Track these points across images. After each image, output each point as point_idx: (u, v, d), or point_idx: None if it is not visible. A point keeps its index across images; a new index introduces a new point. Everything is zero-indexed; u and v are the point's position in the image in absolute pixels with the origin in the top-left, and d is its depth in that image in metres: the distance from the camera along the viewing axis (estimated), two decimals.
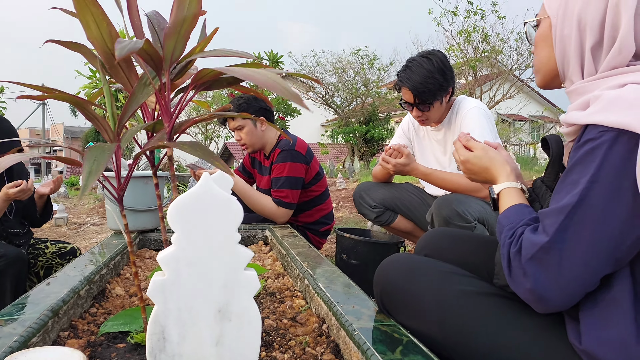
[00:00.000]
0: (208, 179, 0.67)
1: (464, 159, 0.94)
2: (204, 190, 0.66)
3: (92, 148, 0.75)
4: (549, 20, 0.81)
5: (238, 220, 0.68)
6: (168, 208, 0.68)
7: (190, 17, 0.84)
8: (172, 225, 0.65)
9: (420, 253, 1.05)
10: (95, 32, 0.83)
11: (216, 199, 0.67)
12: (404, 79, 1.78)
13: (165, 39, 0.85)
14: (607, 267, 0.65)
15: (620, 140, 0.63)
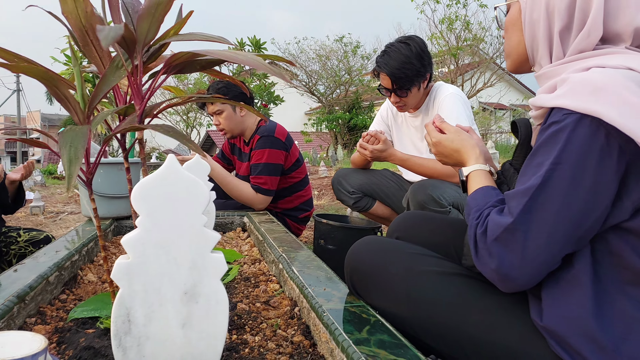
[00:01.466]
0: (174, 161, 0.66)
1: (435, 141, 0.94)
2: (169, 172, 0.65)
3: (63, 133, 0.73)
4: (519, 5, 0.81)
5: (204, 202, 0.68)
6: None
7: (165, 1, 0.83)
8: (137, 207, 0.65)
9: (392, 236, 1.06)
10: (70, 6, 0.81)
11: (182, 181, 0.66)
12: (381, 64, 1.78)
13: (139, 21, 0.83)
14: (568, 247, 0.67)
15: (582, 123, 0.64)
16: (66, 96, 0.87)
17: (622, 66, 0.67)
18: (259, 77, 11.09)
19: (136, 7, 0.96)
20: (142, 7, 0.84)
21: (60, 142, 0.71)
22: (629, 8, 0.72)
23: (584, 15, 0.74)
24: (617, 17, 0.73)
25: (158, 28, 0.86)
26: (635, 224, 0.66)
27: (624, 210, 0.66)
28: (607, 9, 0.72)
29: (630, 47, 0.73)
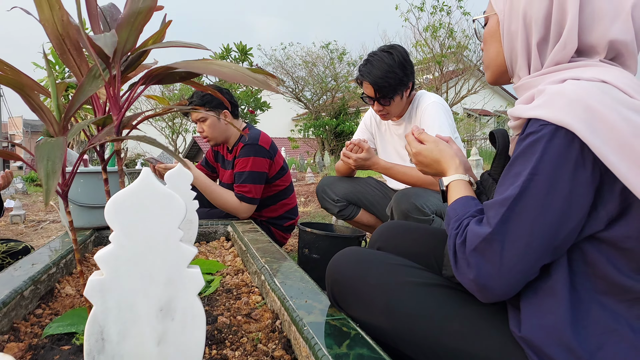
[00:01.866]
0: (148, 174, 0.65)
1: (415, 151, 0.95)
2: (144, 185, 0.64)
3: (39, 146, 0.71)
4: (497, 17, 0.82)
5: (180, 216, 0.67)
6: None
7: (145, 10, 0.82)
8: (110, 222, 0.63)
9: (373, 246, 1.06)
10: (47, 14, 0.80)
11: (157, 194, 0.65)
12: (364, 74, 1.79)
13: (118, 30, 0.82)
14: (545, 257, 0.68)
15: (558, 134, 0.65)
16: (40, 106, 0.85)
17: (596, 79, 0.68)
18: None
19: (115, 16, 0.95)
20: (121, 17, 0.84)
21: (37, 156, 0.69)
22: (603, 21, 0.73)
23: (559, 28, 0.75)
24: (592, 29, 0.74)
25: (137, 37, 0.86)
26: (610, 235, 0.67)
27: (599, 221, 0.67)
28: (582, 22, 0.74)
29: (604, 60, 0.74)
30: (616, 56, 0.75)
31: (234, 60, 11.13)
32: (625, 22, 0.73)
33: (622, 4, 0.73)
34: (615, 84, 0.67)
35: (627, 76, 0.70)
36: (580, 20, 0.73)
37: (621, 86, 0.67)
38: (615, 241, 0.66)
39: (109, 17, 0.90)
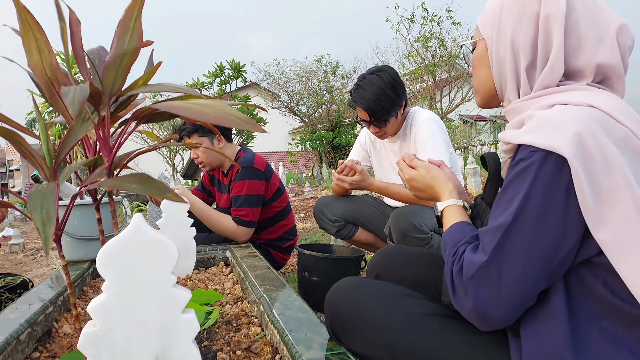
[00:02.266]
0: (140, 220, 0.65)
1: (408, 177, 0.95)
2: (135, 233, 0.64)
3: (32, 195, 0.71)
4: (485, 42, 0.83)
5: (173, 262, 0.66)
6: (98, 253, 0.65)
7: (131, 51, 0.82)
8: (103, 272, 0.63)
9: (371, 273, 1.05)
10: (36, 59, 0.81)
11: (148, 241, 0.64)
12: (357, 99, 1.79)
13: (105, 72, 0.82)
14: (542, 282, 0.67)
15: (548, 160, 0.65)
16: (31, 152, 0.85)
17: (583, 103, 0.68)
18: (242, 99, 11.12)
19: (102, 57, 0.95)
20: (107, 59, 0.84)
21: (30, 206, 0.69)
22: (589, 46, 0.74)
23: (546, 53, 0.75)
24: (578, 54, 0.75)
25: (125, 79, 0.86)
26: (604, 259, 0.67)
27: (592, 246, 0.67)
28: (568, 47, 0.74)
29: (591, 84, 0.75)
30: (604, 79, 0.76)
31: (227, 77, 11.19)
32: (611, 47, 0.73)
33: (607, 29, 0.74)
34: (602, 108, 0.67)
35: (614, 99, 0.70)
36: (566, 45, 0.74)
37: (608, 110, 0.67)
38: (610, 266, 0.66)
39: (97, 60, 0.91)
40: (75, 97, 0.71)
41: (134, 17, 0.80)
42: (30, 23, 0.77)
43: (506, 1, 0.78)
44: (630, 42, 0.75)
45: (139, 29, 0.82)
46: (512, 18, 0.77)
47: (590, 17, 0.74)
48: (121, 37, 0.81)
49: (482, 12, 0.84)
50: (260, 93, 15.29)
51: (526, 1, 0.76)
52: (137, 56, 0.84)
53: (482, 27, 0.83)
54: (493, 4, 0.81)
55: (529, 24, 0.75)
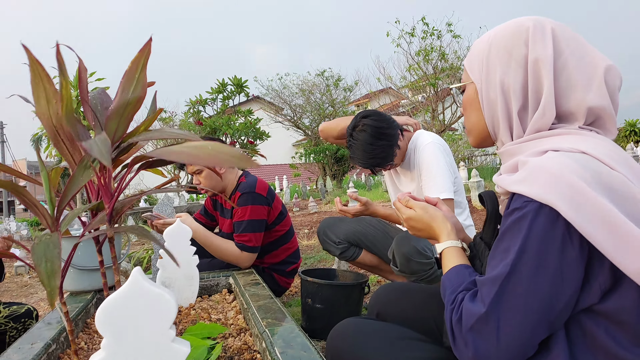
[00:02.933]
0: (138, 276, 0.65)
1: (406, 217, 0.95)
2: (133, 289, 0.64)
3: (35, 248, 0.73)
4: (474, 85, 0.83)
5: (171, 316, 0.66)
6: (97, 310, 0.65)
7: (135, 101, 0.84)
8: (102, 330, 0.63)
9: (372, 311, 1.05)
10: (44, 108, 0.83)
11: (146, 297, 0.65)
12: (355, 160, 1.81)
13: (108, 121, 0.84)
14: (542, 332, 0.67)
15: (542, 212, 0.65)
16: (34, 202, 0.86)
17: (575, 149, 0.68)
18: (244, 114, 11.21)
19: (105, 102, 0.97)
20: (111, 108, 0.85)
21: (35, 259, 0.70)
22: (578, 88, 0.74)
23: (537, 96, 0.76)
24: (569, 97, 0.75)
25: (127, 126, 0.87)
26: (605, 307, 0.66)
27: (592, 294, 0.66)
28: (558, 90, 0.75)
29: (583, 127, 0.75)
30: (596, 120, 0.76)
31: (230, 93, 11.27)
32: (600, 88, 0.74)
33: (595, 71, 0.74)
34: (594, 154, 0.67)
35: (606, 145, 0.70)
36: (556, 88, 0.75)
37: (600, 157, 0.67)
38: (611, 314, 0.66)
39: (99, 105, 0.92)
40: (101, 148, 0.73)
41: (139, 68, 0.82)
42: (41, 74, 0.79)
43: (493, 44, 0.79)
44: (619, 82, 0.75)
45: (144, 79, 0.83)
46: (500, 62, 0.77)
47: (577, 60, 0.74)
48: (126, 87, 0.83)
49: (469, 54, 0.85)
50: (263, 106, 15.39)
51: (513, 45, 0.76)
52: (140, 105, 0.86)
53: (470, 70, 0.83)
54: (480, 47, 0.81)
55: (517, 68, 0.76)
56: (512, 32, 0.78)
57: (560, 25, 0.77)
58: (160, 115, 13.02)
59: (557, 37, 0.75)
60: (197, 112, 11.46)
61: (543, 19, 0.78)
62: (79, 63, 0.93)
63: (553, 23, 0.77)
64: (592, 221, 0.61)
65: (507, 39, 0.78)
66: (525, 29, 0.77)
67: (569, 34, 0.77)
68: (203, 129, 10.72)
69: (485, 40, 0.81)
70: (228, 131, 10.60)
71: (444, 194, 1.67)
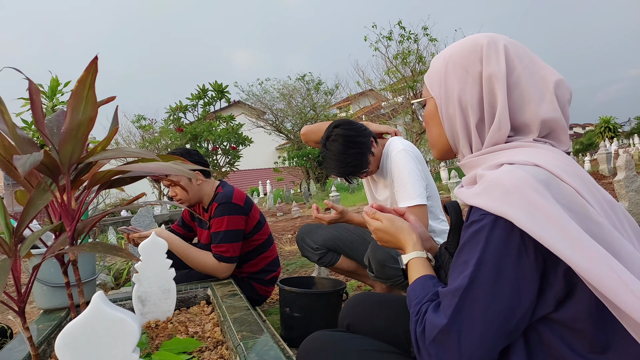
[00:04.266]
0: (99, 302, 0.65)
1: (373, 229, 0.96)
2: (94, 315, 0.64)
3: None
4: (434, 100, 0.85)
5: (134, 340, 0.66)
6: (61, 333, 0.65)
7: (86, 121, 0.83)
8: (61, 357, 0.63)
9: (342, 323, 1.06)
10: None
11: (107, 322, 0.64)
12: (329, 171, 1.84)
13: (62, 144, 0.83)
14: (501, 342, 0.69)
15: (498, 224, 0.67)
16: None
17: (529, 162, 0.71)
18: (226, 120, 11.13)
19: (61, 124, 0.96)
20: (62, 131, 0.84)
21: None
22: (531, 102, 0.77)
23: (492, 110, 0.78)
24: (523, 111, 0.77)
25: (83, 147, 0.86)
26: (560, 316, 0.68)
27: (548, 303, 0.68)
28: (512, 105, 0.77)
29: (538, 139, 0.78)
30: (550, 132, 0.79)
31: (210, 99, 11.19)
32: (551, 102, 0.76)
33: (547, 85, 0.77)
34: (547, 167, 0.69)
35: (558, 157, 0.73)
36: (510, 103, 0.77)
37: (553, 169, 0.69)
38: (566, 322, 0.68)
39: (55, 127, 0.91)
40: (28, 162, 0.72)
41: (87, 86, 0.81)
42: None
43: (450, 61, 0.81)
44: (568, 95, 0.78)
45: (93, 97, 0.83)
46: (457, 78, 0.79)
47: (529, 76, 0.77)
48: (75, 108, 0.82)
49: (429, 71, 0.87)
50: (244, 111, 15.33)
51: (469, 62, 0.79)
52: (93, 124, 0.85)
53: (429, 86, 0.85)
54: (438, 64, 0.83)
55: (473, 84, 0.78)
56: (467, 50, 0.80)
57: (513, 42, 0.80)
58: (140, 123, 12.85)
59: (510, 54, 0.78)
60: (177, 119, 11.34)
61: (497, 36, 0.80)
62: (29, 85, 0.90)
63: (506, 40, 0.80)
64: (546, 227, 0.63)
65: (463, 56, 0.80)
66: (480, 47, 0.79)
67: (521, 50, 0.79)
68: (184, 135, 10.60)
69: (443, 57, 0.83)
70: (210, 137, 10.51)
71: (416, 201, 1.69)
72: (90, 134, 0.87)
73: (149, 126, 12.86)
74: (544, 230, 0.64)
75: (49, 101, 4.23)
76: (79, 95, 0.79)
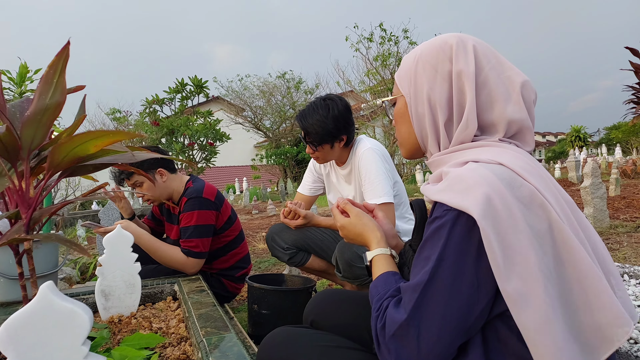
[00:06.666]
0: (47, 291, 0.62)
1: (340, 225, 0.96)
2: (41, 306, 0.61)
3: None
4: (404, 99, 0.85)
5: (84, 332, 0.64)
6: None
7: (53, 106, 0.80)
8: (5, 350, 0.60)
9: (307, 320, 1.05)
10: None
11: (56, 313, 0.62)
12: (299, 116, 1.87)
13: (24, 127, 0.80)
14: (459, 338, 0.69)
15: (460, 220, 0.67)
16: None
17: (493, 161, 0.71)
18: (203, 115, 10.98)
19: (24, 111, 0.92)
20: (26, 114, 0.81)
21: None
22: (498, 102, 0.78)
23: (461, 109, 0.79)
24: (490, 110, 0.78)
25: (46, 133, 0.83)
26: None
27: (504, 300, 0.69)
28: (480, 104, 0.78)
29: (504, 139, 0.79)
30: (516, 133, 0.80)
31: (189, 93, 11.02)
32: (517, 102, 0.77)
33: (513, 86, 0.78)
34: (510, 166, 0.70)
35: (521, 157, 0.74)
36: (478, 102, 0.78)
37: (515, 168, 0.70)
38: None
39: (18, 113, 0.88)
40: None
41: (57, 72, 0.79)
42: None
43: (420, 60, 0.81)
44: (534, 96, 0.80)
45: (63, 83, 0.80)
46: (427, 77, 0.80)
47: (497, 76, 0.78)
48: (43, 93, 0.79)
49: (399, 69, 0.87)
50: (223, 107, 15.15)
51: (438, 60, 0.79)
52: (60, 110, 0.82)
53: (400, 85, 0.85)
54: (408, 62, 0.84)
55: (442, 83, 0.79)
56: (437, 49, 0.81)
57: (481, 43, 0.81)
58: (114, 116, 12.55)
59: (479, 54, 0.79)
60: (153, 112, 11.11)
61: (466, 36, 0.81)
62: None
63: (474, 40, 0.80)
64: (497, 230, 0.64)
65: (433, 55, 0.81)
66: (449, 46, 0.79)
67: (489, 50, 0.80)
68: (160, 129, 10.40)
69: (413, 56, 0.83)
70: (187, 132, 10.34)
71: (383, 199, 1.71)
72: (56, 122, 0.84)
73: (124, 119, 12.57)
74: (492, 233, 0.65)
75: (17, 87, 4.08)
76: (48, 80, 0.77)
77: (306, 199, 2.20)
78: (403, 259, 0.91)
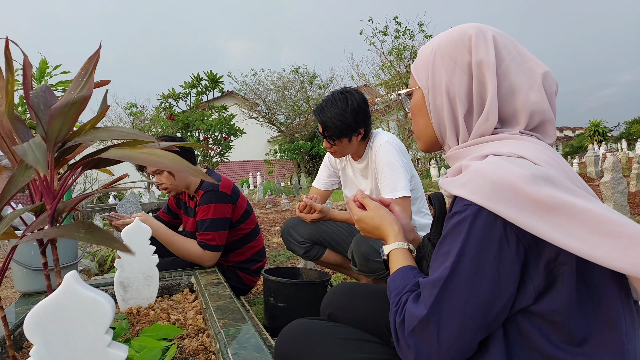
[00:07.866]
0: (71, 280, 0.63)
1: (357, 219, 0.95)
2: (66, 295, 0.62)
3: None
4: (421, 91, 0.84)
5: (107, 321, 0.65)
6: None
7: (80, 100, 0.81)
8: (31, 337, 0.61)
9: (324, 312, 1.05)
10: None
11: (80, 302, 0.63)
12: (316, 111, 1.84)
13: (51, 120, 0.81)
14: (480, 334, 0.68)
15: (481, 215, 0.66)
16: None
17: (514, 154, 0.70)
18: (218, 110, 11.05)
19: (49, 101, 0.93)
20: (54, 107, 0.82)
21: None
22: (520, 93, 0.76)
23: (481, 101, 0.77)
24: (511, 102, 0.77)
25: (72, 127, 0.85)
26: (539, 308, 0.68)
27: (527, 295, 0.68)
28: (501, 95, 0.76)
29: (524, 131, 0.77)
30: (538, 124, 0.78)
31: (204, 88, 11.09)
32: (539, 93, 0.76)
33: (534, 76, 0.76)
34: (532, 159, 0.69)
35: (543, 150, 0.72)
36: (499, 94, 0.76)
37: (537, 162, 0.69)
38: (545, 314, 0.68)
39: (42, 104, 0.89)
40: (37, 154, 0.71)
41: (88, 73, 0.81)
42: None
43: (438, 52, 0.80)
44: (555, 87, 0.78)
45: (91, 81, 0.82)
46: (445, 68, 0.78)
47: (517, 66, 0.76)
48: (72, 89, 0.81)
49: (416, 61, 0.86)
50: (237, 102, 15.21)
51: (457, 52, 0.78)
52: (86, 104, 0.83)
53: (417, 77, 0.84)
54: (425, 54, 0.82)
55: (462, 74, 0.77)
56: (456, 40, 0.79)
57: (500, 33, 0.79)
58: (131, 110, 12.72)
59: (499, 44, 0.77)
60: (169, 107, 11.22)
61: (485, 26, 0.79)
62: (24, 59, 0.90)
63: (494, 31, 0.79)
64: (535, 213, 0.62)
65: (451, 46, 0.79)
66: (468, 37, 0.78)
67: (509, 40, 0.78)
68: (175, 124, 10.50)
69: (430, 47, 0.82)
70: (201, 127, 10.42)
71: (400, 192, 1.69)
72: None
73: (140, 113, 12.72)
74: (533, 220, 0.63)
75: (37, 83, 4.15)
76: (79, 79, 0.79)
77: (321, 193, 2.19)
78: (422, 252, 0.90)
